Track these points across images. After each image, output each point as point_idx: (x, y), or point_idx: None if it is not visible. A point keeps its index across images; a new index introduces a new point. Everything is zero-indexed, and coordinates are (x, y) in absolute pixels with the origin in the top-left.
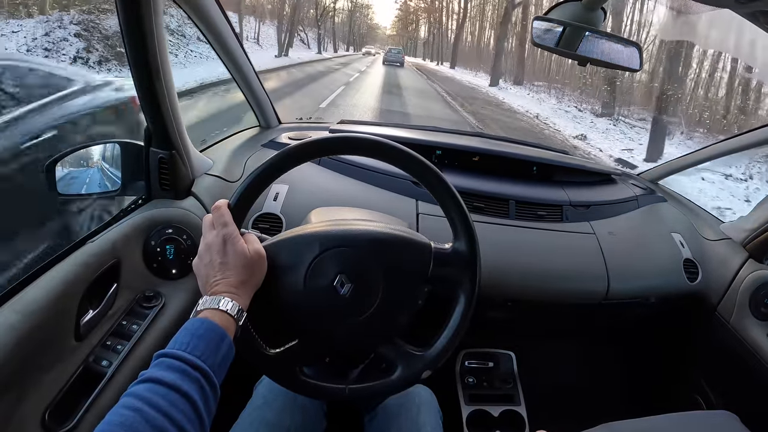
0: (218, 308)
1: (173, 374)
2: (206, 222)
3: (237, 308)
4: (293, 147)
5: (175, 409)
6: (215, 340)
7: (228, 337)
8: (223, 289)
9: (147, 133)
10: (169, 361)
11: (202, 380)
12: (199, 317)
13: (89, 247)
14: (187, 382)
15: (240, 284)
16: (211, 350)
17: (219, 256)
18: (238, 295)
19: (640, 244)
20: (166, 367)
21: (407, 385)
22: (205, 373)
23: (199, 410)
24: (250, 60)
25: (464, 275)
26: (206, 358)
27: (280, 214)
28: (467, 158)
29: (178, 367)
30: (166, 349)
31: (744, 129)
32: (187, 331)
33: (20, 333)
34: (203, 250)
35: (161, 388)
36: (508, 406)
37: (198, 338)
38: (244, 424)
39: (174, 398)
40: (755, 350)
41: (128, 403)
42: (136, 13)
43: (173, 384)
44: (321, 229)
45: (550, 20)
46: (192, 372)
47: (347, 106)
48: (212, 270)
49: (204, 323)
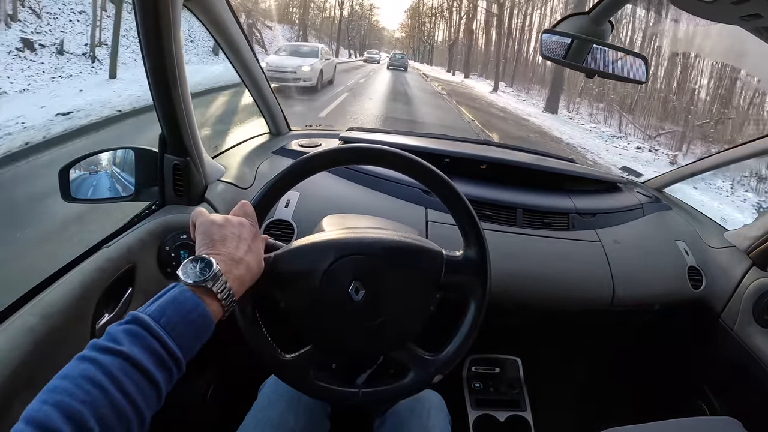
0: (217, 296)
1: (150, 358)
2: (231, 212)
3: (233, 305)
4: (308, 157)
5: (142, 396)
6: (201, 331)
7: (212, 328)
8: (234, 276)
9: (162, 140)
10: (151, 340)
11: (174, 370)
12: (195, 294)
13: (105, 252)
14: (161, 371)
15: (241, 283)
16: (193, 339)
17: (245, 244)
18: (239, 292)
19: (645, 251)
20: (145, 347)
21: (419, 389)
22: (179, 364)
23: (161, 398)
24: (261, 67)
25: (475, 282)
26: (187, 348)
27: (292, 221)
28: (475, 166)
29: (157, 351)
30: (148, 317)
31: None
32: (178, 308)
33: (38, 335)
34: (237, 222)
35: (135, 372)
36: (514, 411)
37: (186, 323)
38: (249, 425)
39: (144, 385)
40: (759, 357)
41: (94, 377)
42: (155, 22)
43: (147, 370)
44: (336, 237)
45: (559, 33)
46: (168, 361)
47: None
48: (239, 246)
49: (198, 308)
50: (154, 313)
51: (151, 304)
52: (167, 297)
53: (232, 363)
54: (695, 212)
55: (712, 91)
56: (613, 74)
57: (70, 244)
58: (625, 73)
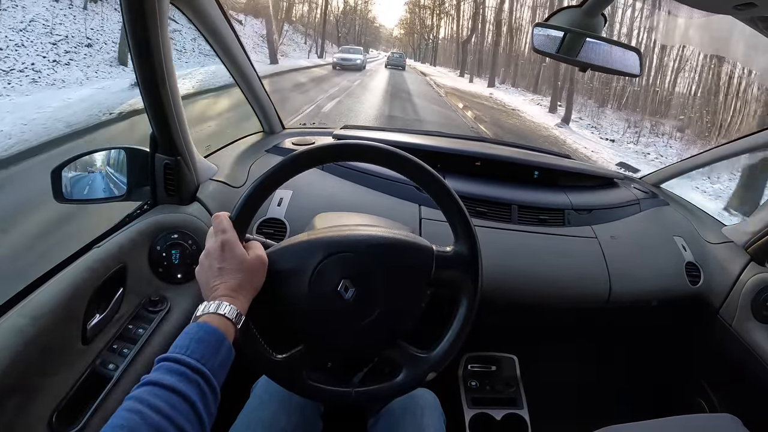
0: (217, 312)
1: (173, 377)
2: (209, 232)
3: (235, 312)
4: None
5: (175, 411)
6: (214, 343)
7: (227, 340)
8: (221, 293)
9: (153, 140)
10: (169, 364)
11: (202, 383)
12: (198, 321)
13: (96, 252)
14: (186, 384)
15: (238, 288)
16: (210, 353)
17: (217, 262)
18: (237, 298)
19: (642, 247)
20: (166, 370)
21: (412, 387)
22: (204, 376)
23: (198, 412)
24: (253, 65)
25: (466, 277)
26: (206, 361)
27: (284, 219)
28: (470, 163)
29: (177, 370)
30: (167, 354)
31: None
32: (187, 335)
33: (28, 337)
34: (203, 256)
35: (161, 390)
36: (510, 409)
37: (197, 342)
38: (241, 425)
39: (174, 401)
40: (757, 353)
41: (130, 406)
42: (142, 22)
43: (173, 387)
44: (324, 236)
45: (551, 26)
46: (191, 375)
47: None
48: (211, 275)
49: (203, 327)
50: (171, 350)
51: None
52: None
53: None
54: (693, 207)
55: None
56: (606, 68)
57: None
58: (619, 66)
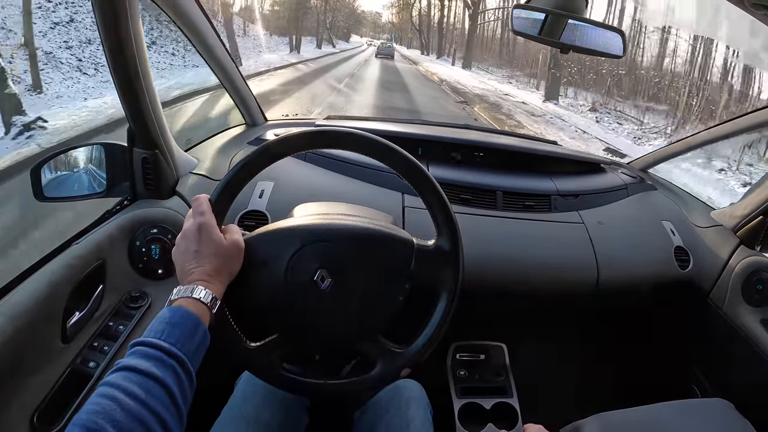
0: (191, 296)
1: (148, 362)
2: (187, 213)
3: (210, 296)
4: (270, 143)
5: (150, 395)
6: (189, 327)
7: (203, 324)
8: (197, 277)
9: (130, 134)
10: (144, 349)
11: (178, 367)
12: (173, 306)
13: (74, 249)
14: (161, 369)
15: (214, 272)
16: (185, 337)
17: (193, 245)
18: (212, 283)
19: (630, 232)
20: (141, 355)
21: (385, 382)
22: (180, 360)
23: (174, 396)
24: (233, 58)
25: (447, 272)
26: (181, 345)
27: (266, 211)
28: (453, 150)
29: (152, 354)
30: (141, 338)
31: None
32: (162, 320)
33: (6, 336)
34: (179, 238)
35: (136, 375)
36: (500, 398)
37: (172, 326)
38: (225, 420)
39: (149, 385)
40: (748, 336)
41: (104, 392)
42: (112, 13)
43: (148, 371)
44: (302, 224)
45: (532, 8)
46: (167, 359)
47: None
48: (187, 257)
49: (178, 311)
50: (146, 334)
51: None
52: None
53: (208, 357)
54: (681, 192)
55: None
56: (589, 49)
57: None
58: (602, 48)
